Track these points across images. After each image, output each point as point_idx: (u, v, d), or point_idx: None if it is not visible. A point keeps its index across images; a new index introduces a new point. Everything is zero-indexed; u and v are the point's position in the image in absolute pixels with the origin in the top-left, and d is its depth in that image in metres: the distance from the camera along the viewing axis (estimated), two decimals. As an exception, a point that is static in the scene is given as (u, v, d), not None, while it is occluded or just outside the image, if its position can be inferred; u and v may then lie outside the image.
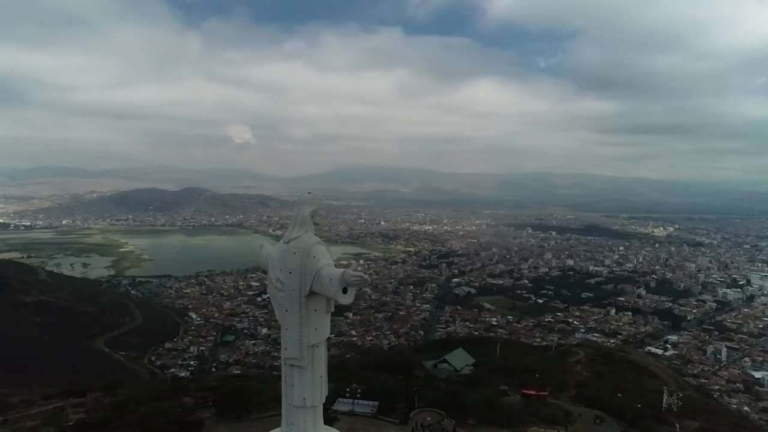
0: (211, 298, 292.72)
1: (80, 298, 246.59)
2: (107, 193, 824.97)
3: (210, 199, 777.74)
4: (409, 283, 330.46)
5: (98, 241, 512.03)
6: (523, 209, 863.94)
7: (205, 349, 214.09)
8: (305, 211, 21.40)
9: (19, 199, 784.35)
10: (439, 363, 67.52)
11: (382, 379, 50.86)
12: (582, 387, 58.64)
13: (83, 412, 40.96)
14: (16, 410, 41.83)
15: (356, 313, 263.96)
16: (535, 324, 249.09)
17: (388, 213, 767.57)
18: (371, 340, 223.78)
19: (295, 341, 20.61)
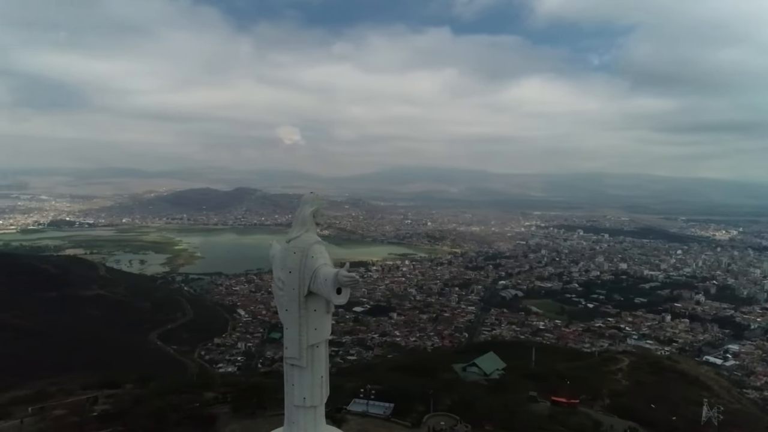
0: (260, 296, 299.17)
1: (136, 293, 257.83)
2: (164, 192, 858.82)
3: (260, 198, 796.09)
4: (454, 284, 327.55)
5: (155, 239, 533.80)
6: (574, 210, 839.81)
7: (252, 346, 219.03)
8: (306, 211, 21.33)
9: (83, 199, 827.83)
10: (468, 366, 66.25)
11: (405, 380, 50.25)
12: (618, 396, 55.98)
13: (110, 403, 42.50)
14: (54, 399, 43.91)
15: (400, 313, 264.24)
16: (584, 329, 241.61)
17: (434, 214, 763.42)
18: (415, 341, 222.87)
19: (294, 341, 20.50)
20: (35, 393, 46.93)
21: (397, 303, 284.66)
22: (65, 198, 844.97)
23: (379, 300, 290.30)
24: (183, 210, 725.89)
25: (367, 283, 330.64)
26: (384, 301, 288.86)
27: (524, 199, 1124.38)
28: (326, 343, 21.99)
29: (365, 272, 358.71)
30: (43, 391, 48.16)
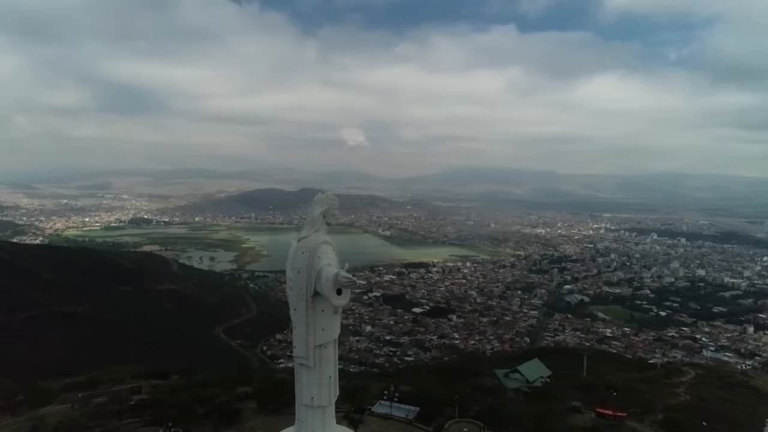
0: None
1: (205, 288, 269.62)
2: (234, 193, 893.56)
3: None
4: (516, 287, 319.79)
5: (224, 237, 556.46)
6: (648, 213, 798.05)
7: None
8: (316, 211, 21.30)
9: (160, 198, 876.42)
10: (510, 372, 63.84)
11: (442, 384, 48.91)
12: (672, 411, 51.78)
13: (150, 393, 44.24)
14: (102, 387, 46.32)
15: (460, 315, 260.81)
16: (655, 338, 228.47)
17: (498, 215, 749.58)
18: (474, 344, 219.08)
19: (302, 340, 20.36)
20: (86, 380, 49.86)
21: (456, 305, 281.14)
22: (144, 197, 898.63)
23: (439, 301, 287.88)
24: (251, 209, 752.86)
25: (428, 284, 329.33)
26: (444, 302, 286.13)
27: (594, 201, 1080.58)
28: (335, 343, 21.78)
29: (425, 273, 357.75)
30: (94, 378, 51.04)
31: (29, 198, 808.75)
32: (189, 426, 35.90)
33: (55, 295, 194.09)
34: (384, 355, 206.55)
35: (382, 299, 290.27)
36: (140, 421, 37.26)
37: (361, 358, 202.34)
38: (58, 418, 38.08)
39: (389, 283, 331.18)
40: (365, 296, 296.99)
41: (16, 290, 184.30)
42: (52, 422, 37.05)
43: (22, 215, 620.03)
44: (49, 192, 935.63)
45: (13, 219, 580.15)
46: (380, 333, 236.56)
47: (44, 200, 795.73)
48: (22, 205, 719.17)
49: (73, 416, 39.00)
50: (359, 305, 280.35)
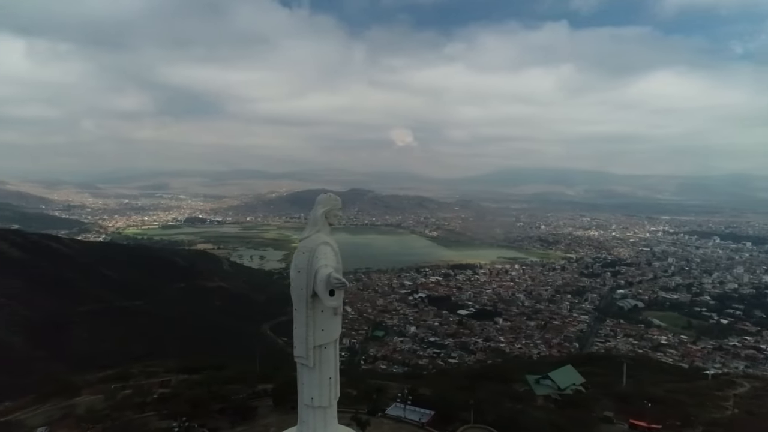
0: (366, 294, 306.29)
1: (253, 286, 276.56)
2: (284, 193, 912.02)
3: (372, 199, 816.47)
4: (566, 291, 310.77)
5: (274, 236, 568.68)
6: (710, 215, 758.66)
7: (356, 342, 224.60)
8: (318, 212, 21.11)
9: (214, 198, 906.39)
10: (541, 379, 61.45)
11: (468, 388, 47.55)
12: (714, 426, 48.08)
13: (174, 387, 45.33)
14: (134, 380, 47.90)
15: (507, 318, 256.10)
16: (715, 347, 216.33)
17: (549, 217, 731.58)
18: (520, 348, 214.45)
19: (302, 340, 20.18)
20: (120, 372, 51.81)
21: (503, 308, 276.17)
22: (199, 197, 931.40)
23: (485, 304, 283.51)
24: (300, 209, 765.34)
25: (474, 286, 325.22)
26: (490, 305, 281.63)
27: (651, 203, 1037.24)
28: (335, 344, 21.48)
29: (472, 275, 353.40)
30: (127, 371, 52.96)
31: (94, 198, 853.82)
32: (204, 421, 36.68)
33: (113, 291, 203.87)
34: (427, 357, 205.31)
35: (428, 300, 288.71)
36: (157, 415, 38.36)
37: (404, 358, 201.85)
38: (86, 408, 39.83)
39: (435, 284, 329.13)
40: (410, 297, 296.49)
41: (78, 285, 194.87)
42: (80, 411, 38.82)
43: (87, 214, 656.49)
44: (112, 192, 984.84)
45: (80, 217, 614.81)
46: (424, 334, 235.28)
47: (107, 200, 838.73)
48: (87, 204, 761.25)
49: (99, 407, 40.65)
50: (404, 306, 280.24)
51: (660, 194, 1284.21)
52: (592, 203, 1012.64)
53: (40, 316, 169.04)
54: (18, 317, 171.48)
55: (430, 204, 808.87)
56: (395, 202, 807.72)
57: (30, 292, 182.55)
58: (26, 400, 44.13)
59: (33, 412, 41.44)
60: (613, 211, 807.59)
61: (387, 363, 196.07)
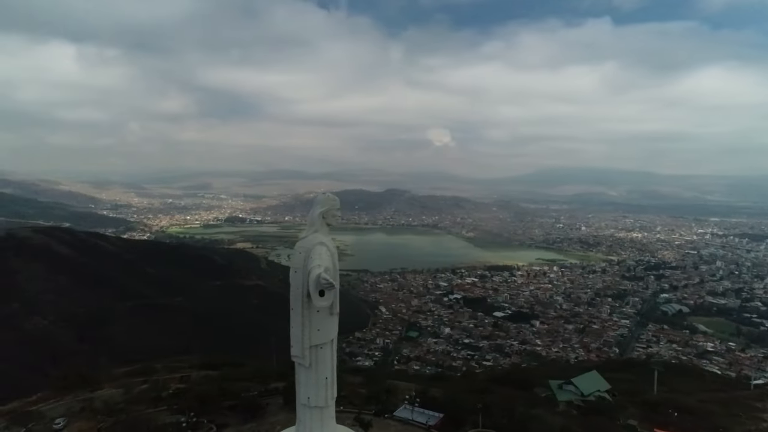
0: (401, 294, 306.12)
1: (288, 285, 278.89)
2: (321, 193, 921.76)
3: (409, 200, 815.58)
4: (607, 294, 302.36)
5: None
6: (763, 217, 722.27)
7: (390, 342, 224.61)
8: (315, 212, 20.96)
9: (254, 198, 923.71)
10: (564, 384, 59.33)
11: (485, 392, 46.29)
12: None
13: (191, 383, 46.00)
14: (156, 375, 48.91)
15: (544, 321, 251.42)
16: (766, 356, 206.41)
17: (590, 218, 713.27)
18: (557, 352, 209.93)
19: (298, 340, 20.03)
20: (143, 367, 53.13)
21: (540, 310, 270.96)
22: (240, 197, 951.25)
23: (522, 306, 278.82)
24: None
25: (511, 288, 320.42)
26: (527, 307, 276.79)
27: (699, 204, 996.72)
28: (332, 344, 21.24)
29: (509, 277, 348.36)
30: (150, 366, 54.21)
31: (140, 197, 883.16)
32: (213, 417, 37.12)
33: (154, 287, 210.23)
34: (461, 359, 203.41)
35: (463, 302, 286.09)
36: (167, 410, 39.05)
37: (438, 360, 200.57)
38: (104, 401, 40.96)
39: (471, 285, 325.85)
40: (445, 298, 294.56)
41: (121, 282, 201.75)
42: (98, 404, 39.92)
43: (133, 213, 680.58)
44: (157, 192, 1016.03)
45: (126, 216, 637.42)
46: (459, 336, 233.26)
47: (152, 199, 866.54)
48: (133, 203, 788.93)
49: (117, 400, 41.70)
50: (439, 307, 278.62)
51: (708, 195, 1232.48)
52: (635, 204, 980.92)
53: (85, 312, 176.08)
54: (65, 312, 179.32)
55: (468, 204, 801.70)
56: (432, 202, 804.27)
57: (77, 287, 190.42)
58: (49, 392, 45.76)
59: (55, 404, 42.92)
60: (658, 213, 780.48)
61: (420, 364, 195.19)
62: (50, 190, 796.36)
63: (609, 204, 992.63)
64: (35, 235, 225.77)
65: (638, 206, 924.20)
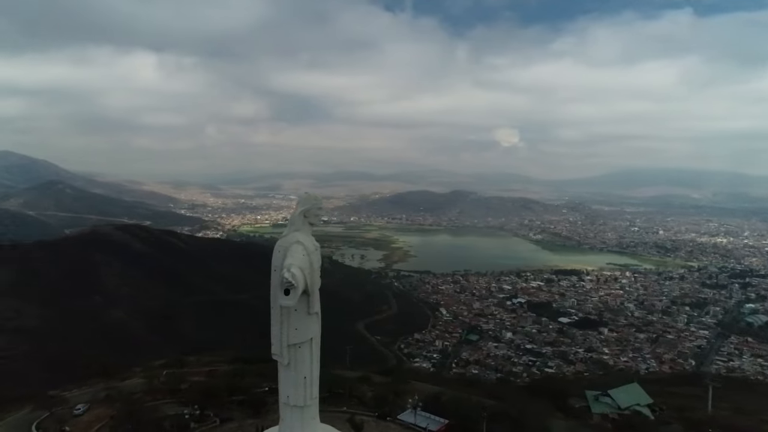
0: (463, 297, 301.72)
1: (349, 284, 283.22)
2: (387, 194, 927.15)
3: (474, 201, 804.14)
4: (684, 303, 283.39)
5: (375, 237, 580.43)
6: None
7: (449, 345, 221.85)
8: (296, 211, 20.45)
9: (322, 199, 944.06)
10: (601, 396, 55.03)
11: (516, 401, 43.69)
12: None
13: (212, 377, 46.82)
14: (188, 367, 50.24)
15: (613, 329, 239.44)
16: None
17: (669, 221, 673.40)
18: (626, 362, 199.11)
19: (276, 338, 19.76)
20: (177, 359, 54.89)
21: (610, 317, 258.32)
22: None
23: (590, 312, 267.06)
24: (402, 210, 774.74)
25: (578, 293, 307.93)
26: (595, 314, 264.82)
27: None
28: (310, 344, 20.72)
29: (577, 281, 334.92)
30: (182, 359, 55.90)
31: (215, 197, 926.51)
32: (220, 411, 37.66)
33: (221, 284, 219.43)
34: (522, 365, 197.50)
35: (527, 306, 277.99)
36: (176, 402, 40.06)
37: (498, 365, 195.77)
38: (127, 391, 42.71)
39: (536, 289, 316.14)
40: (509, 302, 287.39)
41: (190, 278, 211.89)
42: (120, 394, 41.67)
43: (208, 212, 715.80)
44: (231, 192, 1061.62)
45: (201, 215, 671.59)
46: (521, 341, 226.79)
47: (226, 199, 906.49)
48: (208, 203, 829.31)
49: (136, 390, 43.32)
50: (501, 310, 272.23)
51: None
52: (722, 207, 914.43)
53: (157, 305, 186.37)
54: (140, 305, 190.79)
55: (536, 206, 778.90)
56: (498, 203, 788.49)
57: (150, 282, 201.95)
58: (77, 381, 48.35)
59: (81, 391, 45.23)
60: (747, 217, 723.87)
61: (479, 368, 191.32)
62: (134, 191, 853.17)
63: (691, 207, 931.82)
64: (115, 232, 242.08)
65: (724, 209, 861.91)
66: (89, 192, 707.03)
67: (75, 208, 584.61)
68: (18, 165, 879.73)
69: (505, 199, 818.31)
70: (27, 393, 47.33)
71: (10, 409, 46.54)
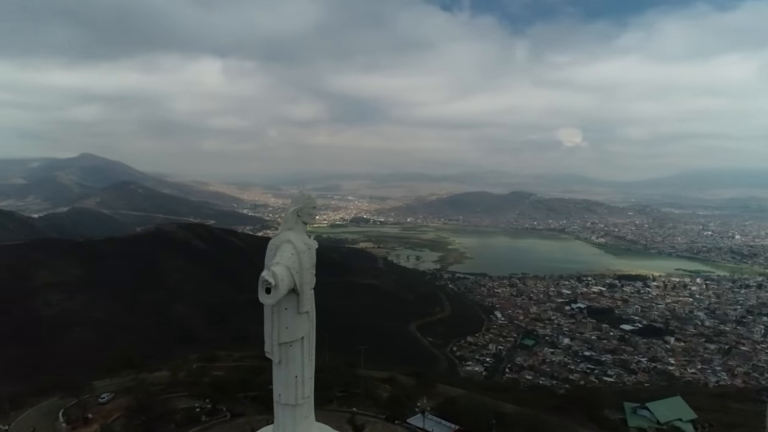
0: (519, 300, 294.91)
1: (403, 285, 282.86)
2: (444, 195, 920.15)
3: (534, 203, 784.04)
4: (762, 313, 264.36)
5: (431, 238, 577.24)
6: None
7: (503, 349, 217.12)
8: (290, 210, 20.14)
9: (378, 200, 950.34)
10: (639, 409, 50.98)
11: (550, 411, 41.33)
12: None
13: (229, 371, 47.35)
14: (219, 362, 51.19)
15: (680, 339, 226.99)
16: None
17: (748, 225, 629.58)
18: (693, 373, 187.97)
19: (267, 336, 19.55)
20: (209, 353, 56.14)
21: (677, 326, 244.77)
22: (365, 199, 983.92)
23: (655, 320, 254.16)
24: (459, 212, 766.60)
25: (643, 299, 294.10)
26: (660, 321, 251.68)
27: None
28: (301, 343, 20.33)
29: (642, 287, 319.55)
30: (214, 354, 57.14)
31: (276, 197, 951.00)
32: (233, 405, 38.09)
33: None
34: (580, 372, 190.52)
35: (587, 311, 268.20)
36: (189, 395, 40.86)
37: (553, 371, 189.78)
38: (151, 383, 44.07)
39: (597, 294, 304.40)
40: (567, 306, 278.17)
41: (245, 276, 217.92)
42: (143, 385, 43.13)
43: (269, 212, 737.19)
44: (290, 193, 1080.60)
45: (263, 215, 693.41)
46: (579, 347, 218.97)
47: (287, 200, 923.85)
48: (270, 203, 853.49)
49: (160, 382, 44.61)
50: (559, 315, 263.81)
51: None
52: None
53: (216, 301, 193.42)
54: (199, 301, 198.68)
55: (600, 208, 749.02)
56: (560, 205, 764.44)
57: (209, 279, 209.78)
58: (111, 371, 50.40)
59: (112, 381, 47.09)
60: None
61: (533, 374, 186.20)
62: (201, 191, 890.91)
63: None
64: (178, 230, 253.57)
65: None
66: (159, 192, 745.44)
67: (145, 207, 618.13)
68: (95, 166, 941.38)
69: (566, 201, 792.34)
70: (64, 381, 50.06)
71: (48, 396, 49.75)
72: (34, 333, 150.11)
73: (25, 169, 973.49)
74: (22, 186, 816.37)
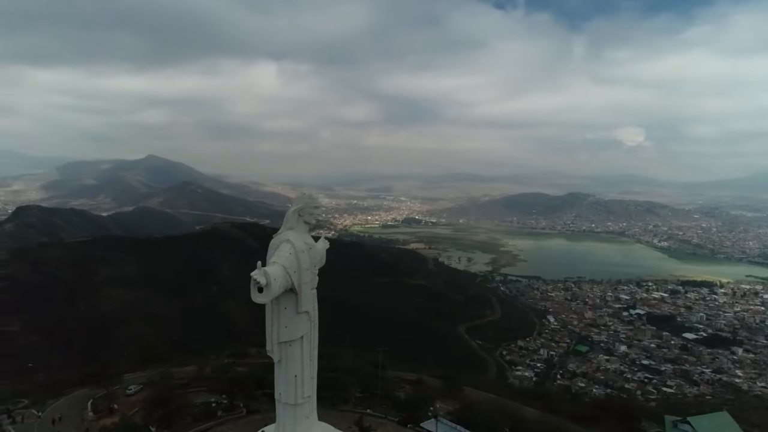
0: (574, 305, 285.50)
1: (453, 287, 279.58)
2: (497, 196, 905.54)
3: (592, 204, 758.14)
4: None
5: (483, 239, 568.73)
6: None
7: (555, 354, 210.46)
8: (291, 209, 19.86)
9: (430, 200, 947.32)
10: (680, 422, 46.68)
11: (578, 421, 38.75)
12: None
13: (253, 368, 47.43)
14: (246, 358, 51.53)
15: (749, 349, 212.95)
16: None
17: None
18: (762, 387, 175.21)
19: (268, 335, 19.35)
20: (240, 350, 56.82)
21: (746, 336, 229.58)
22: (417, 199, 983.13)
23: (721, 329, 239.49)
24: (513, 213, 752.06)
25: (709, 307, 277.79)
26: (728, 331, 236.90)
27: None
28: (301, 343, 19.99)
29: (708, 294, 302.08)
30: (243, 353, 57.79)
31: (329, 198, 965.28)
32: (250, 402, 38.05)
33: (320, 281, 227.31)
34: (636, 381, 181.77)
35: (646, 318, 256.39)
36: (209, 390, 41.16)
37: (608, 379, 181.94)
38: (179, 376, 44.92)
39: (658, 300, 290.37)
40: (625, 312, 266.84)
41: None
42: (166, 379, 44.04)
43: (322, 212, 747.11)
44: (344, 193, 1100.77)
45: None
46: (637, 355, 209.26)
47: (339, 200, 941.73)
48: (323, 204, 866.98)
49: (188, 376, 45.38)
50: (616, 321, 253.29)
51: None
52: None
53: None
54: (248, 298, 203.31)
55: (663, 211, 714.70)
56: (620, 207, 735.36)
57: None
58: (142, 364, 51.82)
59: (142, 373, 48.48)
60: None
61: (586, 381, 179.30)
62: (257, 191, 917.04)
63: None
64: (232, 229, 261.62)
65: None
66: (217, 192, 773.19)
67: (204, 207, 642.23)
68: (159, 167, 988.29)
69: (627, 203, 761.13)
70: (98, 371, 52.41)
71: (83, 385, 52.19)
72: (96, 325, 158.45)
73: (97, 171, 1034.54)
74: (93, 186, 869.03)
